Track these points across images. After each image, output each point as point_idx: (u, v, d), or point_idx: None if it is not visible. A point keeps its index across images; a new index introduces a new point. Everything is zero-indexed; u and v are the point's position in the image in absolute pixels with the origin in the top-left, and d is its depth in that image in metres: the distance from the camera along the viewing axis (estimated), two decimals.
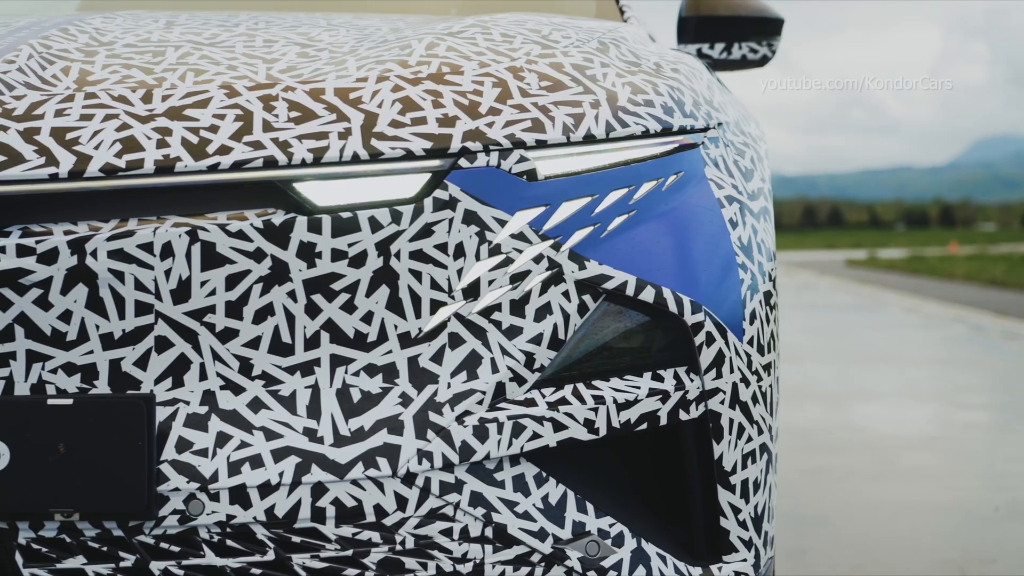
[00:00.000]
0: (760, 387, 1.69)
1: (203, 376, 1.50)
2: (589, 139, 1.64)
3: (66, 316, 1.48)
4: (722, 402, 1.64)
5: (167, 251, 1.48)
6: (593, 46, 1.83)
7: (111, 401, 1.46)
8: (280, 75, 1.66)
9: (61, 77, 1.64)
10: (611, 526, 1.59)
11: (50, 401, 1.45)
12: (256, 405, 1.50)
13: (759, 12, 2.90)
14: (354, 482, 1.49)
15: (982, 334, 10.69)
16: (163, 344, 1.49)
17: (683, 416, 1.62)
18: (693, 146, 1.74)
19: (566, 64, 1.73)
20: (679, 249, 1.66)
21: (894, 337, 10.47)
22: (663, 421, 1.61)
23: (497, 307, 1.56)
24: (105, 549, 1.48)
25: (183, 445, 1.48)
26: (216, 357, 1.50)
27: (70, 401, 1.45)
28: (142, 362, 1.49)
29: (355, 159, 1.53)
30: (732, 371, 1.65)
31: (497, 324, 1.56)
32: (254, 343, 1.51)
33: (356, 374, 1.52)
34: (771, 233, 1.83)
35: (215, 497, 1.47)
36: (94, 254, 1.47)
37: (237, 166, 1.51)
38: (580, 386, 1.58)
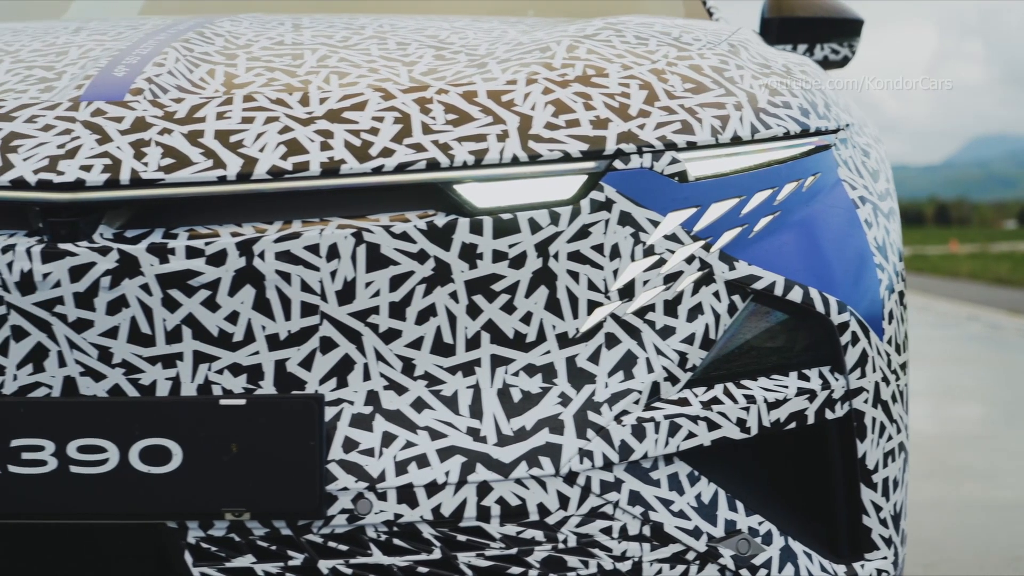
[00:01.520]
0: (898, 386, 1.71)
1: (367, 376, 1.52)
2: (736, 141, 1.65)
3: (233, 317, 1.49)
4: (865, 401, 1.65)
5: (333, 252, 1.50)
6: (724, 48, 1.84)
7: (283, 401, 1.48)
8: (423, 77, 1.67)
9: (208, 80, 1.65)
10: (760, 524, 1.60)
11: (222, 401, 1.46)
12: (419, 405, 1.52)
13: (840, 13, 2.92)
14: (518, 481, 1.50)
15: (1000, 332, 10.72)
16: (328, 345, 1.51)
17: (828, 415, 1.63)
18: (826, 147, 1.76)
19: (704, 66, 1.75)
20: (821, 250, 1.67)
21: (912, 336, 10.48)
22: (810, 420, 1.62)
23: (651, 307, 1.57)
24: (274, 548, 1.49)
25: (350, 445, 1.49)
26: (379, 357, 1.52)
27: (243, 402, 1.46)
28: (307, 363, 1.51)
29: (514, 161, 1.55)
30: (875, 370, 1.66)
31: (651, 324, 1.57)
32: (416, 344, 1.52)
33: (516, 374, 1.54)
34: (899, 233, 1.85)
35: (383, 496, 1.48)
36: (262, 256, 1.49)
37: (400, 168, 1.52)
38: (730, 385, 1.59)
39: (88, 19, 2.18)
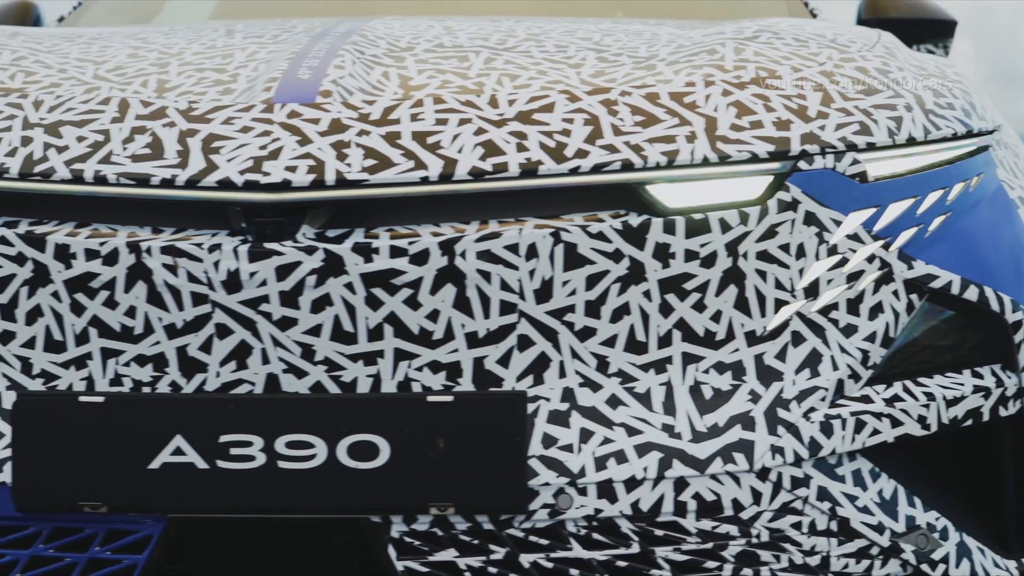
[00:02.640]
0: None
1: (562, 374, 1.54)
2: (910, 141, 1.68)
3: (434, 315, 1.52)
4: None
5: (532, 252, 1.52)
6: (880, 51, 1.87)
7: (490, 398, 1.50)
8: (594, 80, 1.69)
9: (385, 82, 1.68)
10: (936, 520, 1.63)
11: (430, 398, 1.49)
12: (614, 402, 1.54)
13: (934, 14, 2.96)
14: (713, 476, 1.53)
15: None
16: (525, 343, 1.53)
17: (1002, 412, 1.66)
18: (986, 148, 1.79)
19: (870, 68, 1.77)
20: (990, 249, 1.70)
21: None
22: (985, 417, 1.65)
23: (835, 306, 1.60)
24: (476, 542, 1.51)
25: (549, 441, 1.52)
26: (575, 355, 1.54)
27: (450, 398, 1.49)
28: (505, 360, 1.53)
29: (705, 162, 1.57)
30: None
31: (835, 322, 1.60)
32: (610, 341, 1.55)
33: (706, 371, 1.56)
34: None
35: (583, 491, 1.51)
36: (463, 255, 1.51)
37: (596, 169, 1.55)
38: (908, 383, 1.62)
39: (230, 22, 2.20)
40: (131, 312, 1.53)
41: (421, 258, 1.51)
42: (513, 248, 1.52)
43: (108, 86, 1.70)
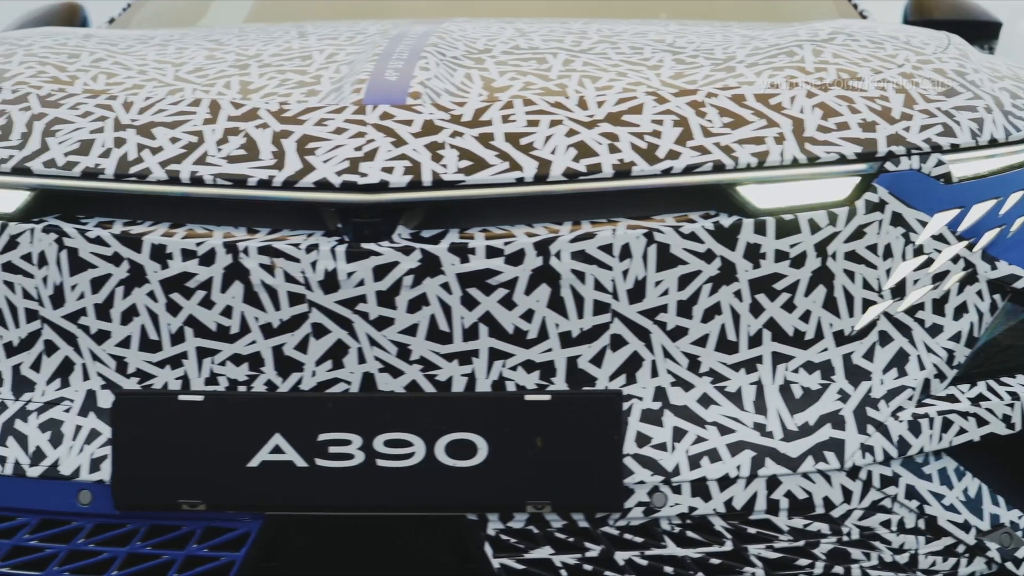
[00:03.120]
0: None
1: (654, 373, 1.55)
2: (992, 143, 1.69)
3: (528, 315, 1.53)
4: None
5: (626, 252, 1.53)
6: (955, 53, 1.88)
7: (587, 397, 1.51)
8: (675, 81, 1.71)
9: (469, 84, 1.69)
10: (1020, 518, 1.64)
11: (527, 397, 1.50)
12: (706, 401, 1.55)
13: (979, 15, 2.97)
14: (805, 475, 1.54)
15: None
16: (618, 342, 1.54)
17: None
18: None
19: (947, 70, 1.79)
20: None
21: None
22: None
23: (920, 306, 1.61)
24: (571, 540, 1.53)
25: (642, 440, 1.53)
26: (667, 354, 1.55)
27: (548, 397, 1.50)
28: (598, 359, 1.54)
29: (794, 163, 1.58)
30: None
31: (921, 322, 1.61)
32: (702, 341, 1.56)
33: (796, 371, 1.58)
34: None
35: (677, 490, 1.52)
36: (558, 255, 1.52)
37: (688, 170, 1.56)
38: (992, 383, 1.63)
39: (300, 24, 2.21)
40: (227, 312, 1.54)
41: (516, 258, 1.52)
42: (607, 248, 1.53)
43: (191, 88, 1.72)
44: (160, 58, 1.87)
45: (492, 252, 1.52)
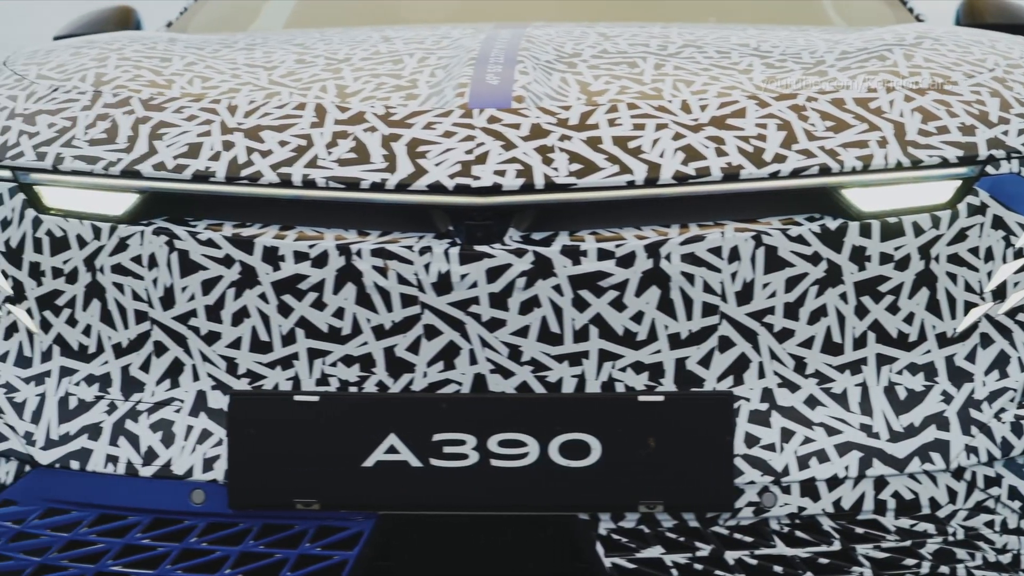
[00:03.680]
0: None
1: (761, 374, 1.57)
2: None
3: (638, 317, 1.55)
4: None
5: (734, 255, 1.55)
6: None
7: (699, 398, 1.53)
8: (769, 85, 1.72)
9: (566, 88, 1.71)
10: None
11: (641, 398, 1.52)
12: (812, 402, 1.57)
13: None
14: (911, 476, 1.56)
15: None
16: (725, 344, 1.56)
17: None
18: None
19: None
20: None
21: None
22: None
23: (1021, 308, 1.63)
24: (682, 539, 1.54)
25: (751, 440, 1.54)
26: (773, 356, 1.57)
27: (661, 398, 1.52)
28: (706, 361, 1.56)
29: (898, 166, 1.60)
30: None
31: (1021, 325, 1.63)
32: (808, 343, 1.58)
33: (900, 372, 1.59)
34: None
35: (787, 490, 1.54)
36: (668, 257, 1.54)
37: (795, 173, 1.58)
38: None
39: (379, 27, 2.23)
40: (339, 313, 1.56)
41: (627, 261, 1.54)
42: (716, 251, 1.55)
43: (288, 91, 1.73)
44: (250, 62, 1.89)
45: (603, 254, 1.53)
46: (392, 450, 1.51)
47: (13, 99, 1.79)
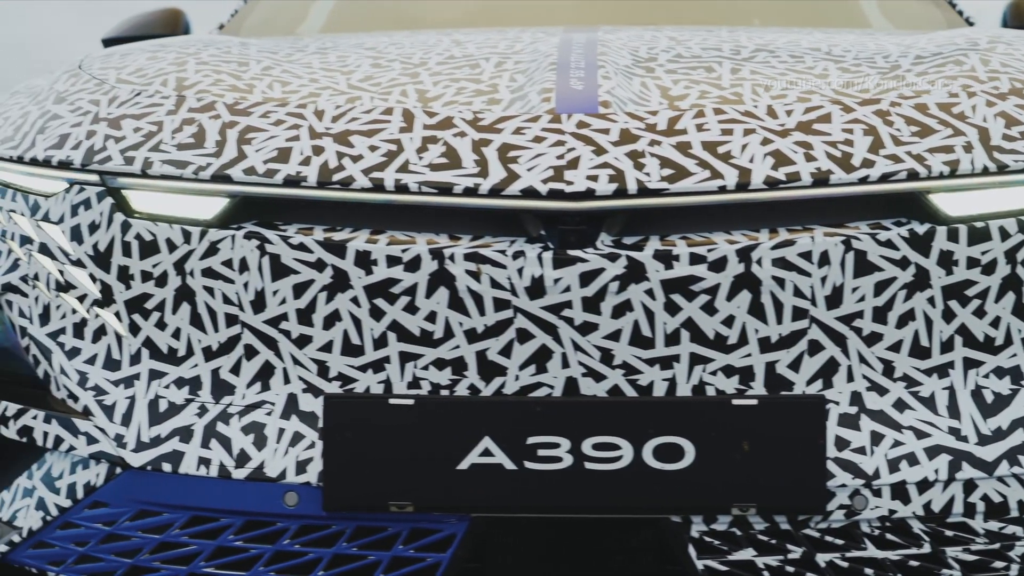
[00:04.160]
0: None
1: (850, 378, 1.58)
2: None
3: (728, 321, 1.56)
4: None
5: (824, 259, 1.56)
6: None
7: (792, 402, 1.54)
8: (848, 90, 1.73)
9: (647, 92, 1.72)
10: None
11: (735, 401, 1.53)
12: (900, 405, 1.58)
13: None
14: (1000, 479, 1.57)
15: None
16: (815, 347, 1.57)
17: None
18: None
19: None
20: None
21: None
22: None
23: None
24: (773, 542, 1.55)
25: (841, 443, 1.56)
26: (862, 360, 1.58)
27: (754, 402, 1.53)
28: (795, 364, 1.57)
29: (984, 171, 1.61)
30: None
31: None
32: (896, 347, 1.59)
33: (987, 376, 1.60)
34: None
35: (877, 493, 1.55)
36: (759, 262, 1.55)
37: (884, 178, 1.59)
38: None
39: (447, 31, 2.24)
40: (431, 317, 1.57)
41: (719, 265, 1.55)
42: (807, 255, 1.56)
43: (368, 96, 1.74)
44: (326, 66, 1.90)
45: (695, 259, 1.55)
46: (487, 453, 1.52)
47: (96, 103, 1.80)
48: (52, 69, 2.06)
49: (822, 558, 1.56)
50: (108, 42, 3.03)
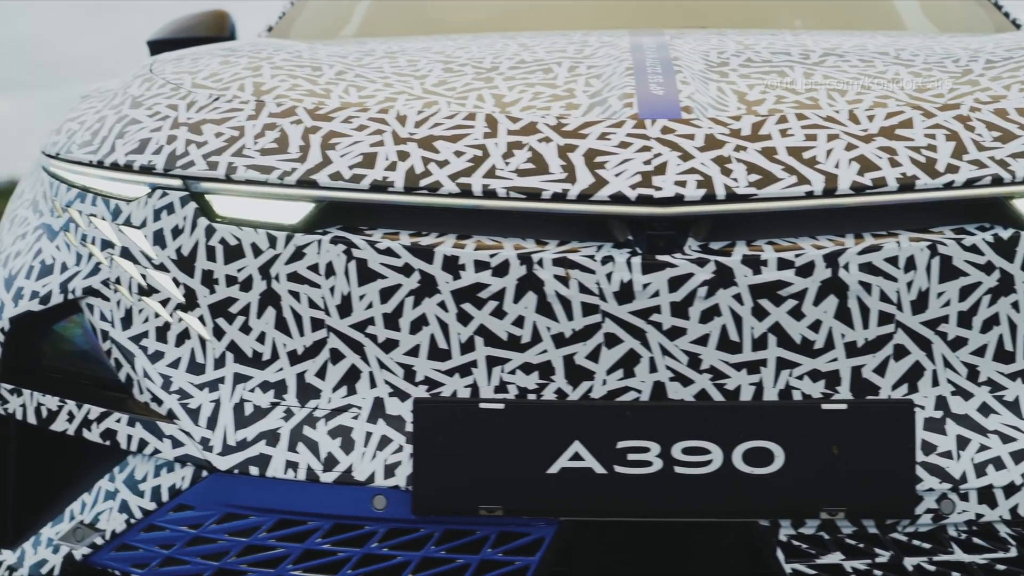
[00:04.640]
0: None
1: (935, 383, 1.59)
2: None
3: (816, 326, 1.57)
4: None
5: (910, 264, 1.57)
6: None
7: (881, 406, 1.55)
8: (922, 94, 1.74)
9: (724, 97, 1.73)
10: None
11: (824, 406, 1.54)
12: (985, 410, 1.59)
13: None
14: None
15: None
16: (901, 352, 1.58)
17: None
18: None
19: None
20: None
21: None
22: None
23: None
24: (861, 546, 1.56)
25: (928, 448, 1.56)
26: (947, 364, 1.59)
27: (844, 406, 1.54)
28: (881, 369, 1.58)
29: None
30: None
31: None
32: (980, 351, 1.60)
33: None
34: None
35: (965, 497, 1.56)
36: (846, 267, 1.56)
37: (969, 183, 1.59)
38: None
39: (512, 34, 2.25)
40: (519, 322, 1.58)
41: (806, 270, 1.56)
42: (893, 260, 1.57)
43: (446, 101, 1.75)
44: (398, 71, 1.91)
45: (783, 264, 1.55)
46: (577, 457, 1.53)
47: (174, 108, 1.81)
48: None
49: (910, 562, 1.56)
50: (154, 44, 3.03)
